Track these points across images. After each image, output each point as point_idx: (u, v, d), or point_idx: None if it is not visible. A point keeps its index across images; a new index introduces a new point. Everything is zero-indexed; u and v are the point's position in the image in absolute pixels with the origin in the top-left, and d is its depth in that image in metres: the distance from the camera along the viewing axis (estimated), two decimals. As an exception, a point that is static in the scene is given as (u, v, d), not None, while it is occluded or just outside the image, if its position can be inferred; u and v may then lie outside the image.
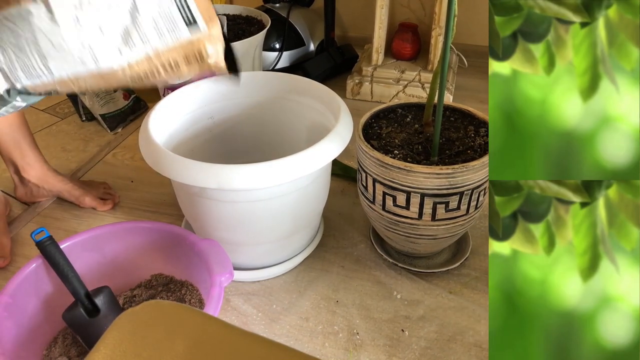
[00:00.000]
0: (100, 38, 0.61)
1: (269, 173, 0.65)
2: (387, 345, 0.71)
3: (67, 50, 0.62)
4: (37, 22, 0.61)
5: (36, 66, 0.64)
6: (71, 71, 0.64)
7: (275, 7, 1.46)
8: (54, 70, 0.64)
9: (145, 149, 0.73)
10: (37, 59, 0.63)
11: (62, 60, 0.63)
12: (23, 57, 0.64)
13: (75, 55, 0.62)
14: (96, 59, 0.62)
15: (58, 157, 1.15)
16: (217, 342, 0.33)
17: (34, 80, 0.65)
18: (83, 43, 0.61)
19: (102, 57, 0.62)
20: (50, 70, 0.64)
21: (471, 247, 0.85)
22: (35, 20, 0.61)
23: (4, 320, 0.62)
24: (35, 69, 0.64)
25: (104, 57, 0.62)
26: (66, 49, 0.62)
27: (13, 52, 0.63)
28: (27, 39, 0.62)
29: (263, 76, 0.93)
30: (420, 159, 0.72)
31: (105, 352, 0.32)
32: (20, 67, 0.64)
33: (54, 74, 0.64)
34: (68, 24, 0.61)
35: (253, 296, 0.79)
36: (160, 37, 0.61)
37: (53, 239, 0.66)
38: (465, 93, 1.37)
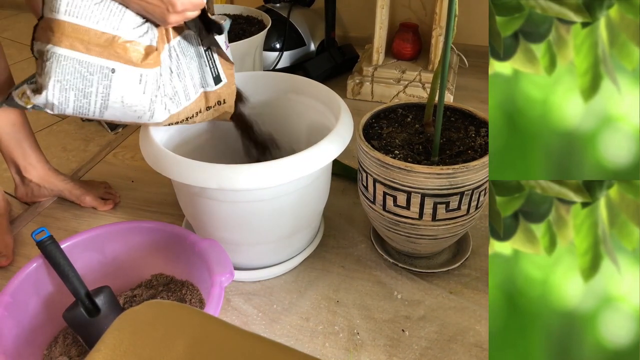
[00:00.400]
0: (162, 101, 0.71)
1: (269, 173, 0.65)
2: (387, 346, 0.71)
3: (132, 107, 0.69)
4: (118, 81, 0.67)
5: (91, 110, 0.69)
6: (122, 120, 0.72)
7: (275, 7, 1.46)
8: (106, 116, 0.71)
9: (146, 149, 0.73)
10: (96, 106, 0.68)
11: (122, 113, 0.70)
12: (82, 101, 0.69)
13: (137, 113, 0.70)
14: (153, 116, 0.72)
15: (59, 157, 1.15)
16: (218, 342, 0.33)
17: (76, 112, 0.70)
18: (150, 106, 0.70)
19: (157, 115, 0.72)
20: (102, 115, 0.71)
21: (471, 247, 0.85)
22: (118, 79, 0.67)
23: (5, 319, 0.62)
24: (88, 111, 0.70)
25: (158, 114, 0.72)
26: (132, 107, 0.69)
27: (74, 95, 0.68)
28: (97, 90, 0.67)
29: (264, 76, 0.93)
30: (421, 159, 0.72)
31: (106, 351, 0.32)
32: (73, 106, 0.69)
33: (103, 116, 0.71)
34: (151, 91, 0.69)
35: (253, 296, 0.79)
36: (196, 92, 0.75)
37: (54, 239, 0.66)
38: (466, 93, 1.37)
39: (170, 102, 0.72)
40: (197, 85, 0.75)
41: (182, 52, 0.73)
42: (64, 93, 0.66)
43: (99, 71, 0.66)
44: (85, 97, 0.67)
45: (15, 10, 2.14)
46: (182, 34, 0.73)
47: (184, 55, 0.73)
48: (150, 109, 0.70)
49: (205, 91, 0.76)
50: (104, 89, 0.66)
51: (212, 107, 0.78)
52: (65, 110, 0.68)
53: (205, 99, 0.77)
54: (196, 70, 0.75)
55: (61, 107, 0.67)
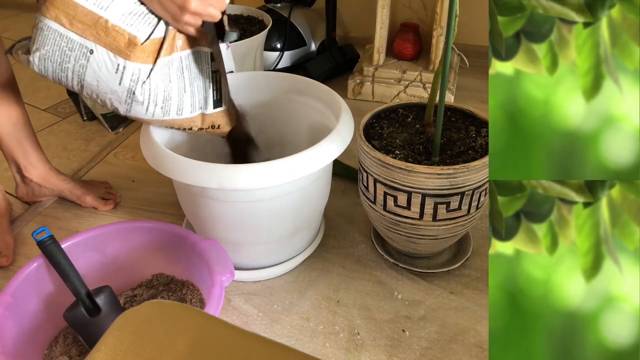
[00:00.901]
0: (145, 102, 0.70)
1: (270, 173, 0.65)
2: (387, 346, 0.71)
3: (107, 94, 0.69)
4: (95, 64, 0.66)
5: (69, 84, 0.69)
6: (102, 100, 0.71)
7: (276, 7, 1.46)
8: (86, 93, 0.70)
9: (147, 149, 0.73)
10: (73, 82, 0.68)
11: (98, 95, 0.70)
12: (60, 74, 0.68)
13: (112, 101, 0.70)
14: (129, 110, 0.71)
15: (59, 157, 1.15)
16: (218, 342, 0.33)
17: (56, 82, 0.70)
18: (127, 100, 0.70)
19: (136, 111, 0.71)
20: (81, 91, 0.70)
21: (472, 248, 0.85)
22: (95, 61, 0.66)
23: (5, 319, 0.62)
24: (66, 84, 0.70)
25: (137, 111, 0.71)
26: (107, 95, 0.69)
27: (52, 66, 0.69)
28: (74, 67, 0.67)
29: (264, 76, 0.93)
30: (422, 159, 0.72)
31: (106, 351, 0.32)
32: (52, 76, 0.69)
33: (84, 93, 0.71)
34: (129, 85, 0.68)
35: (254, 296, 0.79)
36: (193, 111, 0.74)
37: (54, 239, 0.66)
38: (467, 93, 1.37)
39: (157, 108, 0.71)
40: (195, 104, 0.74)
41: (189, 67, 0.71)
42: (42, 62, 0.66)
43: (77, 49, 0.65)
44: (62, 71, 0.66)
45: (15, 10, 2.14)
46: (195, 49, 0.72)
47: (190, 70, 0.72)
48: (126, 102, 0.68)
49: (203, 113, 0.75)
50: (80, 67, 0.66)
51: (205, 129, 0.77)
52: (46, 76, 0.68)
53: (201, 120, 0.75)
54: (200, 89, 0.73)
55: (41, 73, 0.68)
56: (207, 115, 0.75)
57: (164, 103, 0.71)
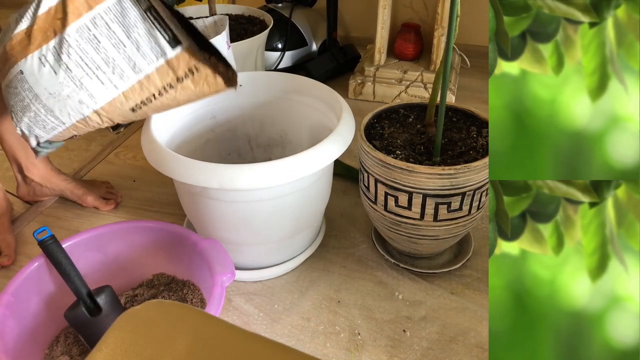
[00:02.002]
0: (93, 78, 0.65)
1: (271, 173, 0.65)
2: (388, 346, 0.71)
3: (63, 96, 0.65)
4: (30, 77, 0.64)
5: (47, 120, 0.68)
6: (77, 116, 0.68)
7: (277, 7, 1.46)
8: (62, 119, 0.69)
9: (148, 149, 0.73)
10: (44, 113, 0.67)
11: (65, 107, 0.66)
12: (32, 116, 0.67)
13: (73, 99, 0.65)
14: (94, 96, 0.66)
15: (61, 157, 1.15)
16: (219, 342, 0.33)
17: (51, 133, 0.70)
18: (80, 84, 0.64)
19: (101, 95, 0.65)
20: (59, 120, 0.69)
21: (473, 248, 0.85)
22: (28, 76, 0.64)
23: (6, 319, 0.62)
24: (47, 123, 0.69)
25: (101, 93, 0.65)
26: (64, 95, 0.65)
27: (23, 114, 0.68)
28: (29, 97, 0.66)
29: (265, 76, 0.93)
30: (423, 159, 0.72)
31: (107, 351, 0.32)
32: (34, 125, 0.68)
33: (65, 122, 0.69)
34: (60, 71, 0.64)
35: (254, 296, 0.79)
36: (150, 63, 0.65)
37: (55, 238, 0.66)
38: (468, 93, 1.37)
39: (113, 76, 0.64)
40: (148, 54, 0.64)
41: (117, 19, 0.64)
42: (20, 119, 0.67)
43: (16, 80, 0.64)
44: (29, 110, 0.66)
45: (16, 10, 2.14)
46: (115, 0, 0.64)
47: (120, 22, 0.64)
48: (81, 87, 0.64)
49: (166, 60, 0.65)
50: (29, 92, 0.65)
51: (184, 77, 0.66)
52: (37, 134, 0.68)
53: (171, 70, 0.65)
54: (143, 37, 0.64)
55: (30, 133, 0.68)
56: (173, 60, 0.65)
57: (110, 66, 0.64)
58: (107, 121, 0.69)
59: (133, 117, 0.69)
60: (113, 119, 0.69)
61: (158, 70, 0.65)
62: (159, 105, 0.68)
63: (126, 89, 0.65)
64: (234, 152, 0.97)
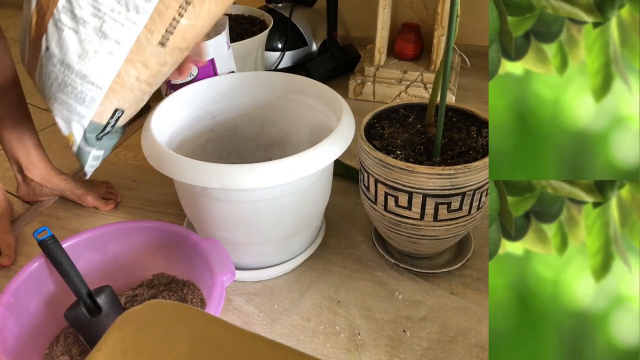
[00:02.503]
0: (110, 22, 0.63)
1: (271, 173, 0.65)
2: (388, 346, 0.71)
3: (92, 53, 0.64)
4: (55, 49, 0.64)
5: (84, 90, 0.66)
6: (112, 74, 0.66)
7: (277, 7, 1.46)
8: (98, 82, 0.66)
9: (148, 149, 0.73)
10: (79, 83, 0.65)
11: (97, 66, 0.65)
12: (70, 90, 0.66)
13: (100, 51, 0.64)
14: (119, 43, 0.64)
15: (61, 156, 1.15)
16: (219, 342, 0.33)
17: (90, 105, 0.67)
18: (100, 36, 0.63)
19: (123, 38, 0.64)
20: (95, 85, 0.66)
21: (473, 248, 0.85)
22: (54, 48, 0.64)
23: (6, 319, 0.62)
24: (84, 94, 0.67)
25: (124, 37, 0.63)
26: (91, 53, 0.64)
27: (60, 92, 0.66)
28: (61, 71, 0.65)
29: (265, 76, 0.93)
30: (423, 159, 0.72)
31: (107, 351, 0.32)
32: (74, 101, 0.66)
33: (101, 86, 0.67)
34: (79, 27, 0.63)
35: (254, 296, 0.79)
36: None
37: (55, 238, 0.66)
38: (468, 93, 1.37)
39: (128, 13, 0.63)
40: None
41: None
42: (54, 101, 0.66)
43: (46, 59, 0.64)
44: (65, 86, 0.65)
45: (17, 9, 2.14)
46: None
47: None
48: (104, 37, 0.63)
49: None
50: (60, 66, 0.64)
51: None
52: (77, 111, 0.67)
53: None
54: None
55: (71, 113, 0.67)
56: None
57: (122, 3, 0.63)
58: (144, 71, 0.67)
59: (167, 56, 0.67)
60: (147, 64, 0.67)
61: None
62: (186, 30, 0.66)
63: (146, 21, 0.64)
64: (234, 152, 0.97)
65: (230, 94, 0.92)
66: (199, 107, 0.89)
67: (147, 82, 0.69)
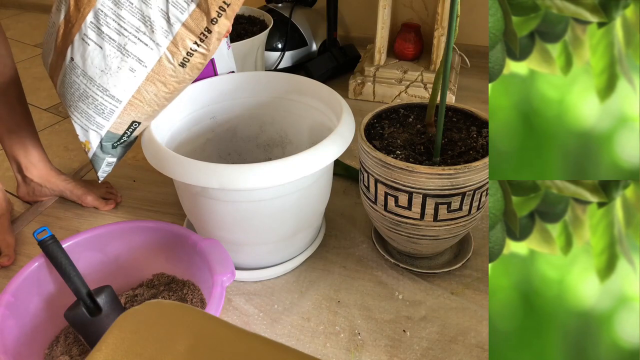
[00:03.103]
0: (136, 42, 0.66)
1: (271, 173, 0.65)
2: (388, 346, 0.71)
3: (115, 69, 0.67)
4: (79, 61, 0.66)
5: (104, 102, 0.68)
6: (132, 89, 0.68)
7: (277, 7, 1.46)
8: (118, 96, 0.69)
9: (148, 149, 0.73)
10: (100, 95, 0.68)
11: (119, 81, 0.67)
12: (90, 101, 0.68)
13: (123, 68, 0.67)
14: (142, 62, 0.67)
15: (61, 157, 1.15)
16: (219, 342, 0.33)
17: (108, 117, 0.70)
18: (124, 53, 0.66)
19: (146, 58, 0.66)
20: (116, 98, 0.68)
21: (473, 248, 0.85)
22: (78, 60, 0.66)
23: (6, 319, 0.62)
24: (104, 106, 0.69)
25: (147, 57, 0.66)
26: (114, 69, 0.66)
27: (81, 102, 0.69)
28: (83, 82, 0.67)
29: (265, 76, 0.93)
30: (423, 159, 0.72)
31: (107, 351, 0.32)
32: (93, 111, 0.68)
33: (121, 100, 0.69)
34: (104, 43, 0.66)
35: (254, 296, 0.79)
36: (183, 12, 0.65)
37: (55, 238, 0.66)
38: (468, 93, 1.37)
39: (153, 34, 0.64)
40: (180, 3, 0.64)
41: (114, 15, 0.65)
42: (75, 109, 0.68)
43: (69, 70, 0.66)
44: (86, 97, 0.67)
45: (17, 9, 2.15)
46: None
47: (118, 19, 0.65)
48: (128, 55, 0.65)
49: (198, 3, 0.65)
50: (83, 77, 0.66)
51: (217, 17, 0.65)
52: (96, 121, 0.69)
53: (204, 13, 0.65)
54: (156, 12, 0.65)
55: (90, 122, 0.69)
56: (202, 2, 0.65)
57: (148, 25, 0.64)
58: (163, 89, 0.69)
59: (186, 74, 0.69)
60: (167, 83, 0.69)
61: (192, 16, 0.65)
62: (206, 54, 0.68)
63: (168, 44, 0.66)
64: (234, 152, 0.97)
65: (230, 94, 0.92)
66: (199, 107, 0.89)
67: (165, 97, 0.71)
